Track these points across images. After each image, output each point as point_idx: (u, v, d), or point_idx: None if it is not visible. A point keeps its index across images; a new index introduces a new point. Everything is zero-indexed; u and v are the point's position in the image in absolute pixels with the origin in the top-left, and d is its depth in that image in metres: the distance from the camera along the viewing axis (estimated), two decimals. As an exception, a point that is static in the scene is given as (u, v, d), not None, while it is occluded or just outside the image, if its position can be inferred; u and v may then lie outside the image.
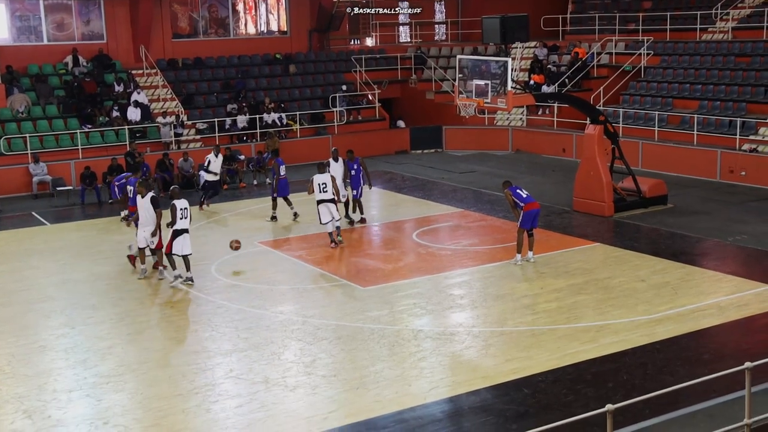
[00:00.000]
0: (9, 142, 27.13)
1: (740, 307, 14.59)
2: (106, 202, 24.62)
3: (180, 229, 16.52)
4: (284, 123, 31.05)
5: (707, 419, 10.50)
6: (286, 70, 34.48)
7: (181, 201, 16.61)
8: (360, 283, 16.60)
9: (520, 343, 13.24)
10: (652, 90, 31.06)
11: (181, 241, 16.54)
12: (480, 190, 24.28)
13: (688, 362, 12.40)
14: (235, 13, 36.00)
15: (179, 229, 16.51)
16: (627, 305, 14.83)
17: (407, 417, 10.91)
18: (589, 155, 21.72)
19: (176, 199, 16.62)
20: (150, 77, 31.60)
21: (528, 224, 17.49)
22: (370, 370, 12.38)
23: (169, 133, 29.04)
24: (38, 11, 31.38)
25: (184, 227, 16.54)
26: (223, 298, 15.84)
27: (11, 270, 18.20)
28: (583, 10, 38.30)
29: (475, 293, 15.88)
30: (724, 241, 18.96)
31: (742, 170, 25.05)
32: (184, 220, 16.55)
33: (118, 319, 14.91)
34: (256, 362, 12.78)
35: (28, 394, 11.89)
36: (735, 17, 32.20)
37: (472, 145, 32.33)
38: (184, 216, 16.56)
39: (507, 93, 19.74)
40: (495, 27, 21.53)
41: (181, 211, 16.52)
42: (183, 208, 16.56)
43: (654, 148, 27.56)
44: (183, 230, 16.53)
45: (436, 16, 41.96)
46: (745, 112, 27.33)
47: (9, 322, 14.92)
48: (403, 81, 36.44)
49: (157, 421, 10.99)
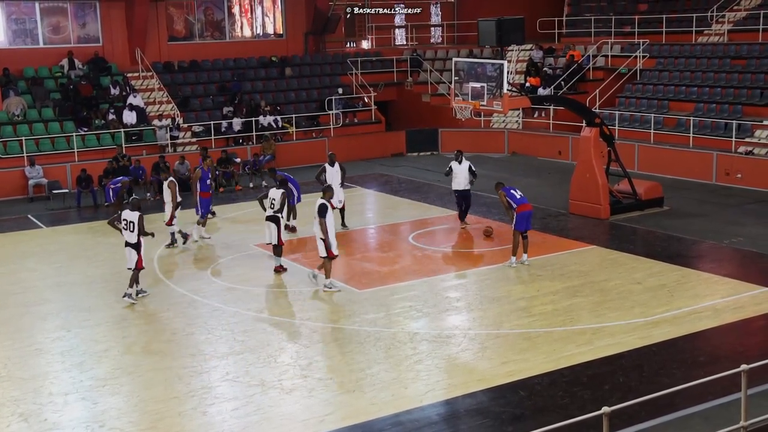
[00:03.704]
0: (5, 145, 27.11)
1: (736, 310, 14.61)
2: (102, 205, 24.60)
3: (126, 242, 15.78)
4: (280, 126, 31.05)
5: (703, 422, 10.51)
6: (282, 72, 34.48)
7: (126, 212, 15.72)
8: (356, 286, 16.59)
9: (516, 346, 13.25)
10: (647, 92, 31.11)
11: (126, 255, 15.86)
12: (476, 193, 24.26)
13: (684, 365, 12.41)
14: (231, 16, 35.99)
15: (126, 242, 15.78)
16: (623, 308, 14.85)
17: (403, 420, 10.90)
18: (585, 158, 21.74)
19: (125, 210, 15.87)
20: (146, 80, 31.59)
21: (522, 226, 17.50)
22: (367, 372, 12.37)
23: (165, 136, 29.03)
24: (34, 14, 31.36)
25: (126, 240, 15.74)
26: (219, 301, 15.82)
27: (7, 273, 18.17)
28: (578, 13, 38.36)
29: (471, 296, 15.88)
30: (720, 244, 18.99)
31: (738, 173, 25.10)
32: (126, 232, 15.67)
33: (114, 322, 14.90)
34: (252, 365, 12.77)
35: (24, 397, 11.87)
36: (731, 20, 32.26)
37: (468, 148, 32.22)
38: (127, 228, 15.65)
39: (503, 96, 19.73)
40: (491, 29, 21.55)
41: (125, 222, 15.70)
42: (127, 220, 15.66)
43: (650, 150, 27.59)
44: (126, 243, 15.76)
45: (432, 19, 41.99)
46: (740, 114, 27.39)
47: (5, 324, 14.90)
48: (399, 84, 36.47)
49: (153, 424, 10.97)
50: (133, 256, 15.71)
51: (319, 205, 16.04)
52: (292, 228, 20.92)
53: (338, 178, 20.83)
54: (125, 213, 15.76)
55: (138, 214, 15.65)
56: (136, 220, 15.56)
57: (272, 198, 17.60)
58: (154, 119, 29.74)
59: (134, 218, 15.57)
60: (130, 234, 15.64)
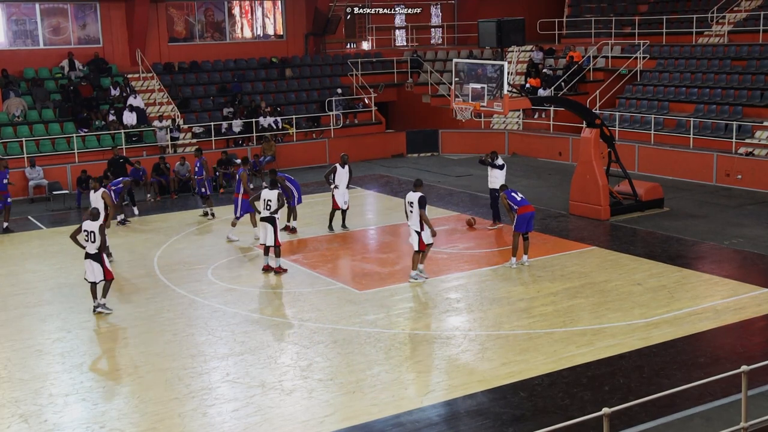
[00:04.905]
0: (5, 146, 27.12)
1: (736, 311, 14.61)
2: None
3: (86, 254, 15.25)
4: (280, 127, 31.06)
5: (704, 422, 10.51)
6: (282, 73, 34.49)
7: (87, 223, 15.19)
8: (356, 287, 16.59)
9: (517, 347, 13.24)
10: (648, 93, 31.12)
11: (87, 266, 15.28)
12: (476, 194, 24.27)
13: (685, 365, 12.41)
14: (231, 17, 36.02)
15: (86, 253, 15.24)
16: (623, 309, 14.85)
17: (404, 421, 10.91)
18: (586, 159, 21.74)
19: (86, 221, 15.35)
20: (146, 81, 31.61)
21: (523, 227, 17.51)
22: (367, 373, 12.37)
23: (165, 137, 29.04)
24: (34, 15, 31.38)
25: (87, 251, 15.18)
26: (219, 302, 15.82)
27: (7, 274, 18.17)
28: (579, 14, 38.37)
29: (472, 297, 15.88)
30: (720, 245, 18.98)
31: (738, 173, 25.10)
32: (88, 243, 15.12)
33: (114, 323, 14.89)
34: (252, 366, 12.77)
35: (25, 398, 11.87)
36: (731, 21, 32.28)
37: (468, 149, 32.34)
38: (88, 239, 15.09)
39: (503, 96, 19.73)
40: (491, 30, 21.54)
41: (86, 233, 15.16)
42: (88, 231, 15.11)
43: (650, 151, 27.59)
44: (86, 255, 15.22)
45: (432, 20, 42.00)
46: (741, 115, 27.39)
47: (5, 326, 14.90)
48: (399, 84, 36.48)
49: (154, 425, 10.97)
50: (96, 267, 15.07)
51: (420, 197, 16.35)
52: (292, 229, 20.92)
53: (346, 179, 20.82)
54: (86, 224, 15.16)
55: (99, 224, 15.11)
56: (97, 230, 15.00)
57: (267, 199, 17.54)
58: (155, 120, 29.75)
59: (95, 228, 15.01)
60: (91, 245, 15.03)
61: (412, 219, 16.51)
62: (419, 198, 16.34)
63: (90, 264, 15.11)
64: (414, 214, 16.38)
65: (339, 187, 20.65)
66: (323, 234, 20.78)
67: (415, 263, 16.75)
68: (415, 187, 16.67)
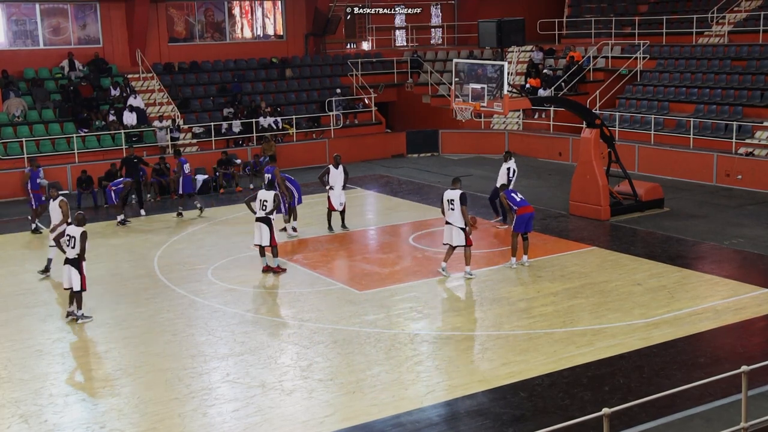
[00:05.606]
0: (5, 147, 27.12)
1: (737, 311, 14.61)
2: (103, 207, 24.61)
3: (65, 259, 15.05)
4: (280, 127, 31.06)
5: (704, 423, 10.51)
6: (282, 74, 34.49)
7: (71, 228, 15.04)
8: (356, 287, 16.60)
9: (517, 347, 13.25)
10: (648, 93, 31.12)
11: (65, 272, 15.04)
12: (476, 194, 24.25)
13: (685, 366, 12.41)
14: (231, 17, 36.02)
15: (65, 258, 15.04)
16: (623, 309, 14.85)
17: (404, 421, 10.91)
18: (586, 159, 21.74)
19: (70, 225, 15.25)
20: (146, 81, 31.62)
21: (522, 228, 17.52)
22: (367, 374, 12.37)
23: (165, 137, 29.04)
24: (34, 15, 31.39)
25: (66, 257, 15.01)
26: (219, 302, 15.82)
27: (8, 274, 18.18)
28: (579, 14, 38.38)
29: (472, 297, 15.88)
30: (721, 245, 18.99)
31: (739, 174, 25.10)
32: (68, 249, 14.92)
33: (114, 323, 14.90)
34: (252, 366, 12.77)
35: (25, 398, 11.87)
36: (731, 21, 32.28)
37: (468, 149, 32.35)
38: (69, 244, 14.88)
39: (503, 97, 19.73)
40: (491, 30, 21.55)
41: (68, 237, 14.95)
42: (69, 236, 14.91)
43: (650, 151, 27.60)
44: (65, 260, 15.01)
45: (432, 20, 42.01)
46: (741, 115, 27.40)
47: (5, 326, 14.90)
48: (399, 85, 36.49)
49: (154, 425, 10.97)
50: (73, 274, 14.78)
51: (461, 193, 16.49)
52: (293, 229, 20.92)
53: (341, 180, 20.79)
54: (69, 228, 14.99)
55: (82, 230, 14.81)
56: (78, 236, 14.72)
57: (263, 199, 17.52)
58: (155, 120, 29.75)
59: (77, 234, 14.75)
60: (71, 250, 14.78)
61: (453, 216, 16.63)
62: (460, 195, 16.48)
63: (68, 269, 14.84)
64: (456, 211, 16.51)
65: (334, 188, 20.65)
66: (323, 234, 20.79)
67: (468, 258, 16.89)
68: (453, 184, 16.81)
